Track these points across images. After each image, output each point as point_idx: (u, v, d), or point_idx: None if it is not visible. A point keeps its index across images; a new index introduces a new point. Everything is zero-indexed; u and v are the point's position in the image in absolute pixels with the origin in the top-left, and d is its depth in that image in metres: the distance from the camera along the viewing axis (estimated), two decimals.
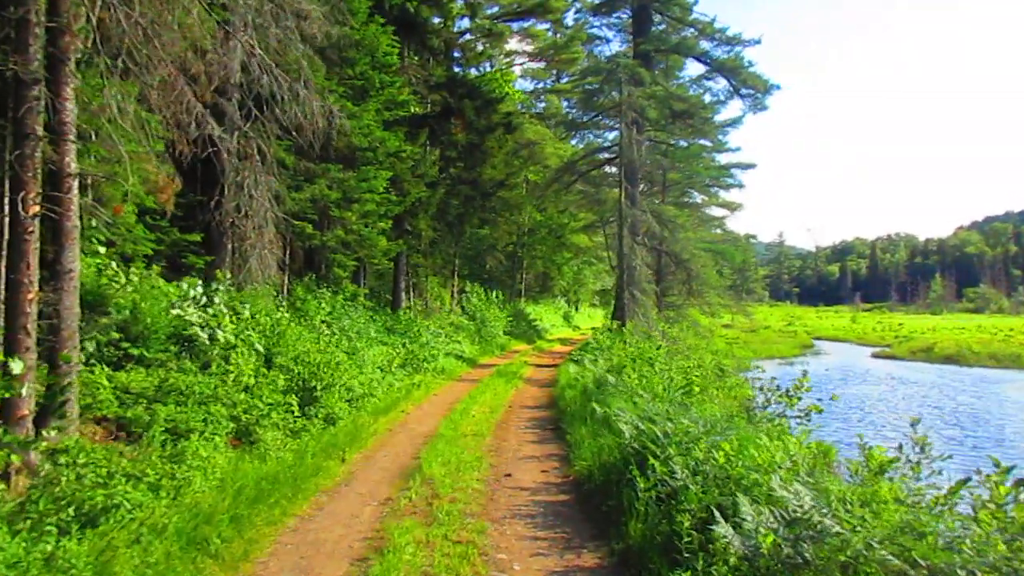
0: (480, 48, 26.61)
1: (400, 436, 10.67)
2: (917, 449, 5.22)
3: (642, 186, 26.36)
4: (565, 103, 39.66)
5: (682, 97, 24.06)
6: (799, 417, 7.72)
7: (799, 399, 7.64)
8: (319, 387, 10.23)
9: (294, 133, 11.28)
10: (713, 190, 38.21)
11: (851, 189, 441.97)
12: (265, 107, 9.84)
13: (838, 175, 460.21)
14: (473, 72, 27.32)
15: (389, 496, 7.39)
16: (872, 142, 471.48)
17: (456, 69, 24.43)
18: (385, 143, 16.21)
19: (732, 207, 40.21)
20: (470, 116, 21.47)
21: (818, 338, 55.85)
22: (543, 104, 39.46)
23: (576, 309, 54.22)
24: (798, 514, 4.34)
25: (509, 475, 8.36)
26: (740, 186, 36.75)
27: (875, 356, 41.09)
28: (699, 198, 39.32)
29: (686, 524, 4.92)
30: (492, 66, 30.68)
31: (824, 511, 4.30)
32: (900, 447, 5.24)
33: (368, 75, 15.44)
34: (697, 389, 9.59)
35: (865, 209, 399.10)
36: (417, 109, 21.18)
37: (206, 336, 9.17)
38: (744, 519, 4.56)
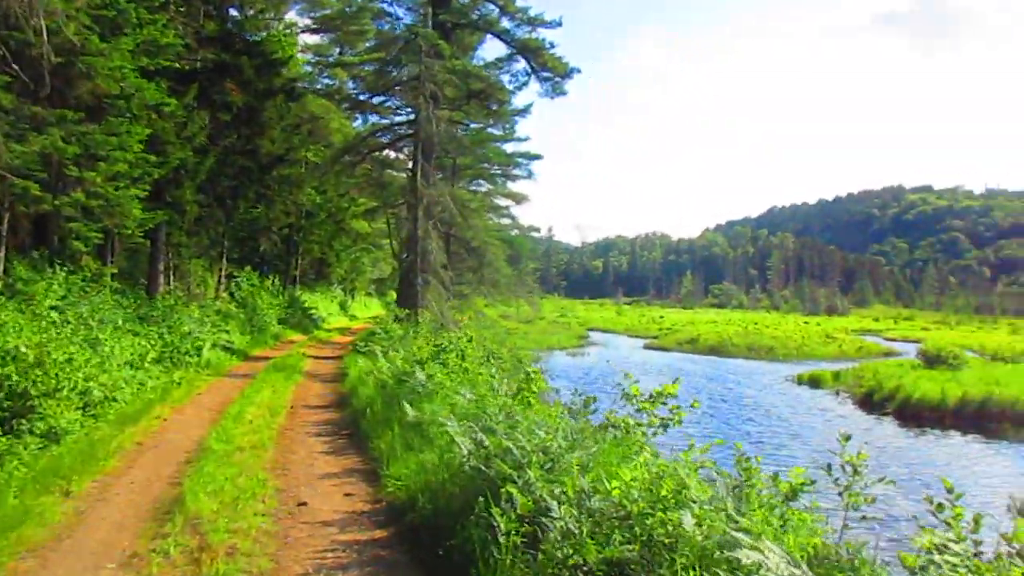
0: (259, 8, 23.75)
1: (154, 453, 8.40)
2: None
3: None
4: (351, 84, 37.36)
5: (480, 76, 22.96)
6: (650, 425, 6.64)
7: (663, 403, 6.55)
8: (35, 392, 7.69)
9: (14, 66, 8.61)
10: (501, 180, 37.71)
11: (614, 189, 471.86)
12: None
13: (604, 175, 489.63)
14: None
15: (135, 551, 5.22)
16: (634, 148, 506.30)
17: (231, 28, 21.45)
18: (142, 93, 13.41)
19: (518, 198, 40.03)
20: (248, 75, 18.81)
21: (591, 329, 57.97)
22: (327, 80, 36.75)
23: (353, 298, 52.34)
24: None
25: (304, 504, 6.52)
26: (530, 176, 36.35)
27: (647, 347, 43.12)
28: (486, 186, 38.65)
29: None
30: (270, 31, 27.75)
31: None
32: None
33: (120, 4, 12.53)
34: (532, 389, 8.33)
35: (627, 208, 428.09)
36: (184, 66, 18.22)
37: None
38: None
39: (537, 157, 35.24)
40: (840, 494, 4.38)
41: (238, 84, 19.04)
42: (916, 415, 19.26)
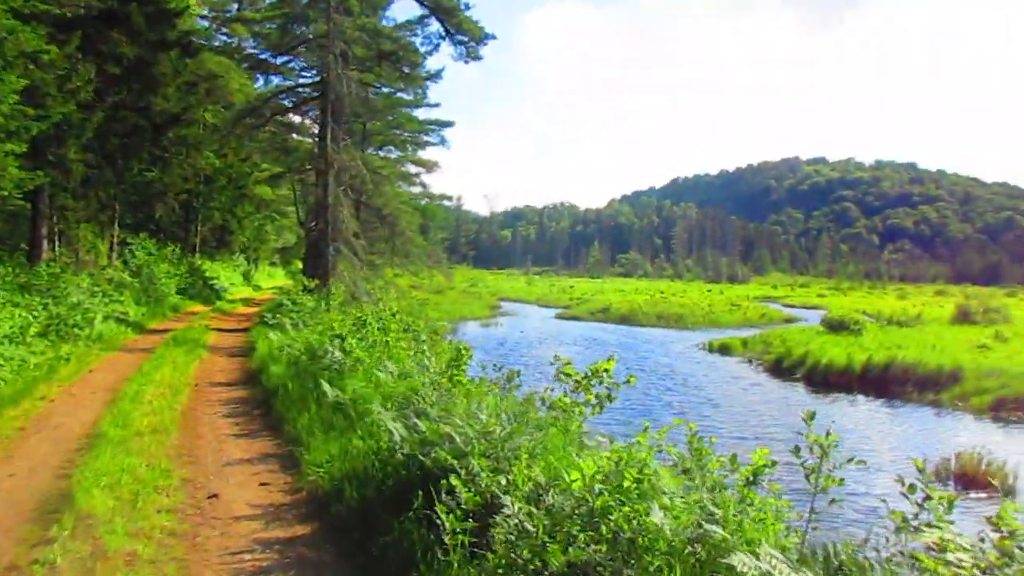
0: None
1: (38, 439, 7.48)
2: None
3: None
4: (252, 42, 35.38)
5: (392, 36, 21.92)
6: (587, 403, 6.21)
7: (599, 380, 6.11)
8: None
9: None
10: (412, 148, 36.68)
11: (525, 160, 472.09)
12: None
13: (511, 145, 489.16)
14: None
15: (12, 561, 4.38)
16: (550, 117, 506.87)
17: None
18: (16, 37, 12.01)
19: (428, 165, 39.06)
20: (139, 24, 17.24)
21: (502, 299, 57.75)
22: (225, 36, 34.67)
23: (256, 267, 50.54)
24: None
25: (215, 496, 5.81)
26: (443, 143, 35.22)
27: (559, 317, 43.15)
28: (396, 153, 37.49)
29: None
30: None
31: None
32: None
33: None
34: (463, 367, 7.76)
35: (536, 179, 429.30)
36: (66, 12, 16.52)
37: None
38: None
39: (449, 124, 34.49)
40: (807, 477, 4.05)
41: (127, 34, 17.45)
42: (824, 380, 19.79)
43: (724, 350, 26.70)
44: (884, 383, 18.88)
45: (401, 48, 22.17)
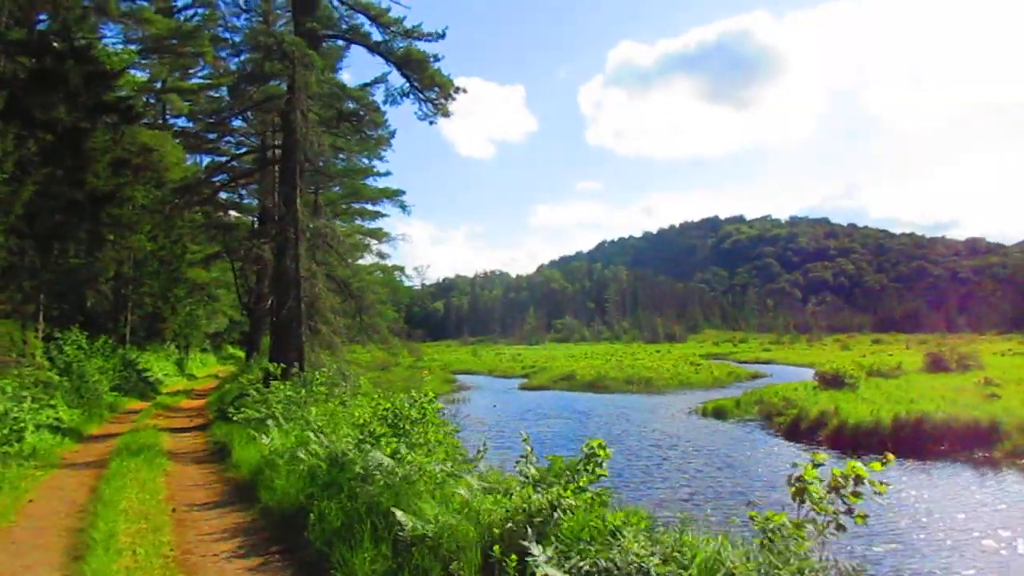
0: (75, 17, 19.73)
1: None
2: None
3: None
4: (183, 119, 33.19)
5: (354, 95, 20.13)
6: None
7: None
8: None
9: None
10: (365, 219, 34.61)
11: (450, 229, 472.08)
12: None
13: (437, 216, 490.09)
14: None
15: None
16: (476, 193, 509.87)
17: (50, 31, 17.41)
18: None
19: (379, 235, 36.98)
20: (76, 85, 15.01)
21: (454, 372, 55.42)
22: (159, 105, 32.38)
23: (187, 355, 47.30)
24: None
25: None
26: (405, 210, 32.55)
27: (523, 388, 41.03)
28: (343, 224, 35.36)
29: None
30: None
31: None
32: None
33: None
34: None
35: (464, 246, 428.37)
36: None
37: None
38: None
39: (401, 192, 32.61)
40: None
41: (64, 97, 15.18)
42: (854, 441, 18.15)
43: (720, 414, 25.00)
44: (920, 441, 17.37)
45: (364, 107, 20.40)
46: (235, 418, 14.83)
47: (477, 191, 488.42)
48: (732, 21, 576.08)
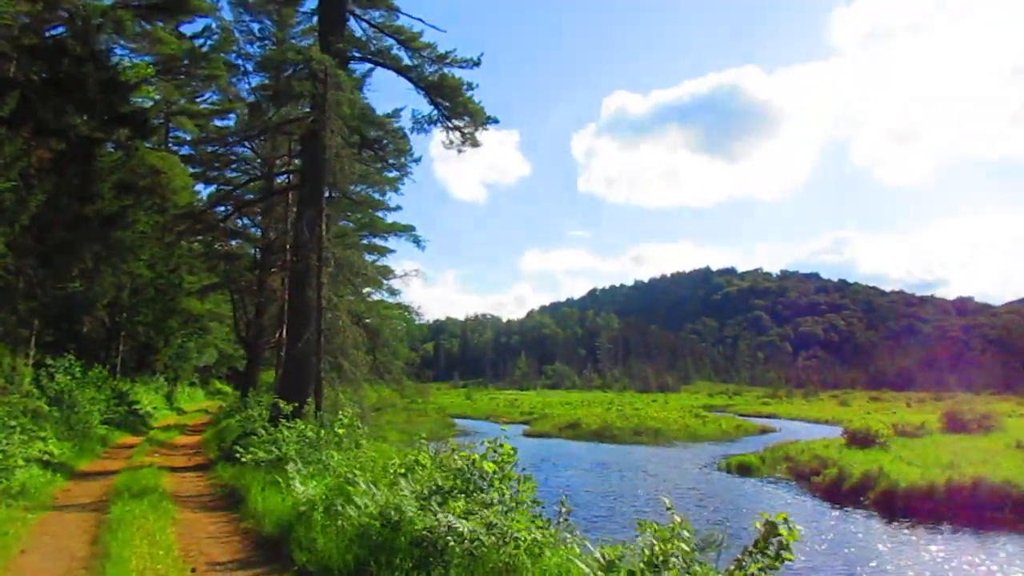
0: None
1: None
2: None
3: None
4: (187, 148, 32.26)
5: (376, 120, 19.20)
6: None
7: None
8: None
9: None
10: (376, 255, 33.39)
11: (441, 271, 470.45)
12: None
13: (425, 256, 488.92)
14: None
15: None
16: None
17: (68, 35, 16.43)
18: None
19: (386, 272, 35.75)
20: (92, 92, 13.96)
21: (453, 416, 53.89)
22: (166, 127, 31.42)
23: (176, 388, 45.90)
24: None
25: None
26: (419, 245, 30.74)
27: (527, 435, 39.57)
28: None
29: None
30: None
31: None
32: None
33: None
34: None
35: (454, 289, 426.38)
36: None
37: None
38: None
39: (412, 228, 31.38)
40: None
41: (79, 105, 14.11)
42: (905, 507, 16.85)
43: (744, 470, 23.68)
44: (978, 508, 16.14)
45: (388, 134, 19.44)
46: (243, 459, 13.49)
47: (468, 234, 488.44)
48: (725, 74, 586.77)
